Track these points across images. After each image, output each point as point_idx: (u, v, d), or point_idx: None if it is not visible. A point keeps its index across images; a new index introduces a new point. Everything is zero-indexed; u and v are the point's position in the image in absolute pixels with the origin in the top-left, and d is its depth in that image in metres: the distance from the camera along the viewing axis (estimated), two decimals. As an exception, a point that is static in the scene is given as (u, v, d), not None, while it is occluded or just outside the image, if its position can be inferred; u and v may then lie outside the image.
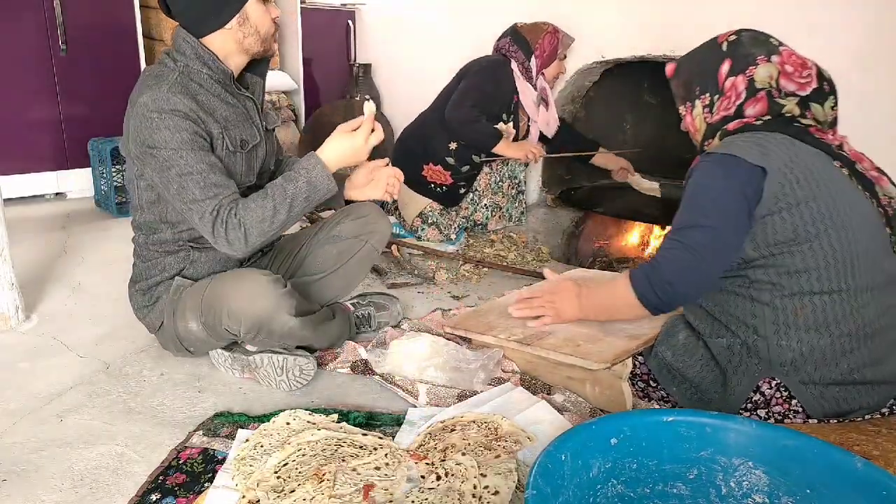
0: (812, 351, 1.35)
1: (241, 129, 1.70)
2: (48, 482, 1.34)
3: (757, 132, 1.39)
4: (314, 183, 1.61)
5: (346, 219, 1.94)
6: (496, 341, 1.77)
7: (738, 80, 1.44)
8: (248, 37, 1.66)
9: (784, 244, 1.34)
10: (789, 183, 1.32)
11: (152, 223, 1.71)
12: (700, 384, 1.48)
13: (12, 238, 2.06)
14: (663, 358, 1.56)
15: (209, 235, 1.57)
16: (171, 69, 1.62)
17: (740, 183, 1.34)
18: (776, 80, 1.41)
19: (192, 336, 1.71)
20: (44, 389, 1.68)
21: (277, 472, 1.27)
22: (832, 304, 1.34)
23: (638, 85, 3.68)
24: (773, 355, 1.38)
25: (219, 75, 1.66)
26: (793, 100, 1.41)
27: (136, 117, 1.56)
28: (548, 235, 3.16)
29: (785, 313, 1.36)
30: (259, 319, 1.61)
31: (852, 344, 1.34)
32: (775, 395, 1.39)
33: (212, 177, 1.56)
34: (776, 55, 1.42)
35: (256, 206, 1.56)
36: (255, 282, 1.62)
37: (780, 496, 1.02)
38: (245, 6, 1.63)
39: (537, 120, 2.99)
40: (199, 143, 1.57)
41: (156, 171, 1.57)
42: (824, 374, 1.35)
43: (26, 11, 3.04)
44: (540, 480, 0.90)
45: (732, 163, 1.35)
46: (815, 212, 1.32)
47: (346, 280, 1.94)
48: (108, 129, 3.29)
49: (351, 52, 4.25)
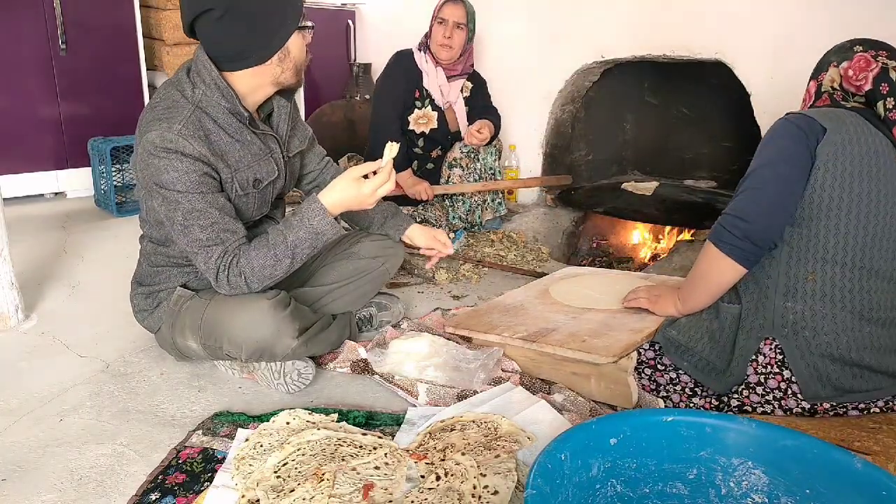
0: (814, 316, 1.41)
1: (257, 169, 1.63)
2: (48, 481, 1.34)
3: (838, 108, 1.48)
4: (317, 230, 1.57)
5: (366, 239, 1.93)
6: (501, 340, 1.77)
7: (812, 85, 1.56)
8: (285, 72, 1.59)
9: (816, 206, 1.40)
10: (844, 148, 1.39)
11: (160, 238, 1.69)
12: (709, 355, 1.53)
13: (12, 237, 2.06)
14: (669, 336, 1.61)
15: (212, 280, 1.55)
16: (187, 102, 1.52)
17: (804, 131, 1.41)
18: (839, 84, 1.50)
19: (192, 352, 1.71)
20: (43, 389, 1.68)
21: (277, 471, 1.27)
22: (842, 276, 1.40)
23: (638, 85, 3.68)
24: (776, 315, 1.44)
25: (237, 115, 1.58)
26: (859, 99, 1.48)
27: (143, 153, 1.50)
28: (548, 235, 3.16)
29: (796, 278, 1.43)
30: (260, 346, 1.59)
31: (854, 322, 1.39)
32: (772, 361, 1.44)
33: (219, 221, 1.52)
34: (847, 61, 1.48)
35: (258, 255, 1.54)
36: (257, 309, 1.57)
37: (779, 496, 1.02)
38: (288, 41, 1.56)
39: (451, 100, 2.93)
40: (207, 185, 1.51)
41: (162, 207, 1.53)
42: (822, 343, 1.40)
43: (26, 11, 3.03)
44: (539, 480, 0.90)
45: (801, 118, 1.44)
46: (857, 184, 1.38)
47: (355, 296, 1.91)
48: (108, 129, 3.29)
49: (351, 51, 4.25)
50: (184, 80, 1.56)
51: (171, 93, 1.55)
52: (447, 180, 2.95)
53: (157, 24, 3.57)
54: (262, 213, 1.71)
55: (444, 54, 2.82)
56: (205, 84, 1.54)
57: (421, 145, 2.92)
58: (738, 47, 2.71)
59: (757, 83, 2.70)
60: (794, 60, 2.51)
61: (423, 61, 2.86)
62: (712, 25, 2.78)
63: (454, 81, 2.92)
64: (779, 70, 2.61)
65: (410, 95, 2.86)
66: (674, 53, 2.90)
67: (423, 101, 2.87)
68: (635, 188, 3.37)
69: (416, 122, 2.88)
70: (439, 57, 2.84)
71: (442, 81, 2.88)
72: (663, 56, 2.96)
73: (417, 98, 2.87)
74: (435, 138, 2.92)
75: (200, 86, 1.54)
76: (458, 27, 2.79)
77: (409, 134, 2.89)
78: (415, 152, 2.92)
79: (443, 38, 2.79)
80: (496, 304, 2.03)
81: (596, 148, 3.68)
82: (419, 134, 2.89)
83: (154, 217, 1.64)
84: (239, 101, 1.57)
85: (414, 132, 2.89)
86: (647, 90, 3.70)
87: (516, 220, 3.21)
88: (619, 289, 1.97)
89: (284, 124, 1.73)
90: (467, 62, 2.94)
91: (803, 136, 1.41)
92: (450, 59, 2.85)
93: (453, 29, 2.79)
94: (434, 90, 2.88)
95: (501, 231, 3.05)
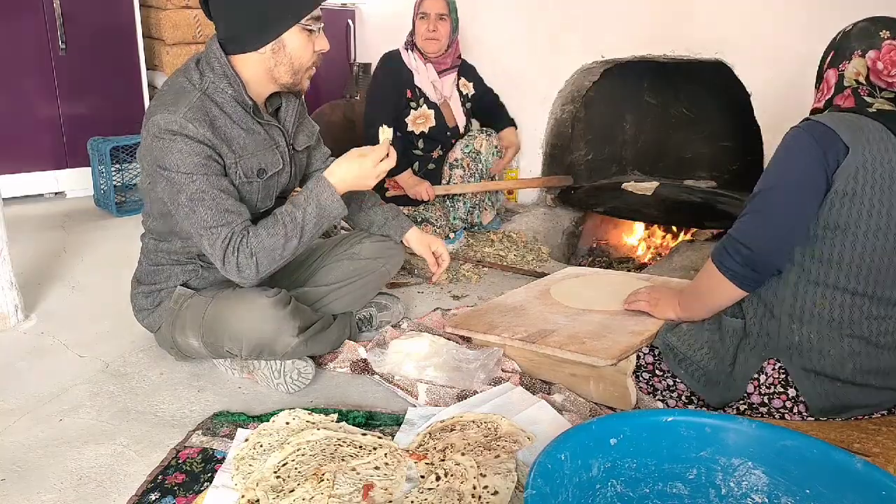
0: (821, 340, 1.36)
1: (261, 157, 1.63)
2: (47, 481, 1.34)
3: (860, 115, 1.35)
4: (324, 207, 1.57)
5: (367, 239, 1.93)
6: (500, 340, 1.77)
7: (831, 74, 1.42)
8: (279, 65, 1.58)
9: (831, 229, 1.33)
10: (865, 171, 1.30)
11: (163, 233, 1.69)
12: (707, 366, 1.50)
13: (12, 237, 2.06)
14: (669, 343, 1.58)
15: (219, 263, 1.54)
16: (193, 88, 1.54)
17: (823, 148, 1.31)
18: (865, 78, 1.37)
19: (192, 350, 1.71)
20: (43, 389, 1.68)
21: (277, 471, 1.27)
22: (853, 304, 1.34)
23: (638, 85, 3.68)
24: (781, 337, 1.39)
25: (242, 103, 1.59)
26: (887, 95, 1.36)
27: (148, 135, 1.52)
28: (548, 235, 3.16)
29: (804, 300, 1.37)
30: (261, 343, 1.59)
31: (861, 348, 1.34)
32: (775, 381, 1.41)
33: (224, 203, 1.52)
34: (874, 49, 1.35)
35: (267, 235, 1.53)
36: (257, 306, 1.58)
37: (779, 496, 1.02)
38: (284, 34, 1.56)
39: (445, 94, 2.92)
40: (212, 168, 1.52)
41: (166, 191, 1.54)
42: (827, 366, 1.36)
43: (26, 11, 3.03)
44: (539, 480, 0.90)
45: (820, 130, 1.33)
46: (876, 210, 1.30)
47: (355, 296, 1.91)
48: (108, 129, 3.29)
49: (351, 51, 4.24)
50: (192, 69, 1.58)
51: (179, 80, 1.58)
52: (448, 181, 2.95)
53: (157, 24, 3.57)
54: (266, 207, 1.70)
55: (431, 47, 2.81)
56: (213, 72, 1.56)
57: (421, 147, 2.91)
58: (738, 47, 2.71)
59: (757, 83, 2.69)
60: (795, 60, 2.51)
61: (412, 60, 2.85)
62: (712, 25, 2.78)
63: (446, 76, 2.90)
64: (779, 70, 2.61)
65: (402, 96, 2.84)
66: (674, 53, 2.90)
67: (416, 100, 2.85)
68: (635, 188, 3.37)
69: (414, 122, 2.87)
70: (427, 51, 2.82)
71: (434, 77, 2.87)
72: (663, 56, 2.96)
73: (411, 98, 2.85)
74: (434, 137, 2.91)
75: (209, 74, 1.56)
76: (441, 18, 2.79)
77: (409, 135, 2.88)
78: (415, 154, 2.91)
79: (427, 31, 2.78)
80: (496, 304, 2.03)
81: (596, 148, 3.68)
82: (419, 134, 2.89)
83: (158, 209, 1.64)
84: (245, 91, 1.58)
85: (413, 133, 2.88)
86: (647, 90, 3.70)
87: (516, 220, 3.21)
88: (619, 290, 1.96)
89: (291, 118, 1.74)
90: (455, 54, 2.92)
91: (821, 154, 1.31)
92: (438, 52, 2.84)
93: (436, 21, 2.78)
94: (426, 87, 2.86)
95: (501, 231, 3.05)
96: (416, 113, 2.85)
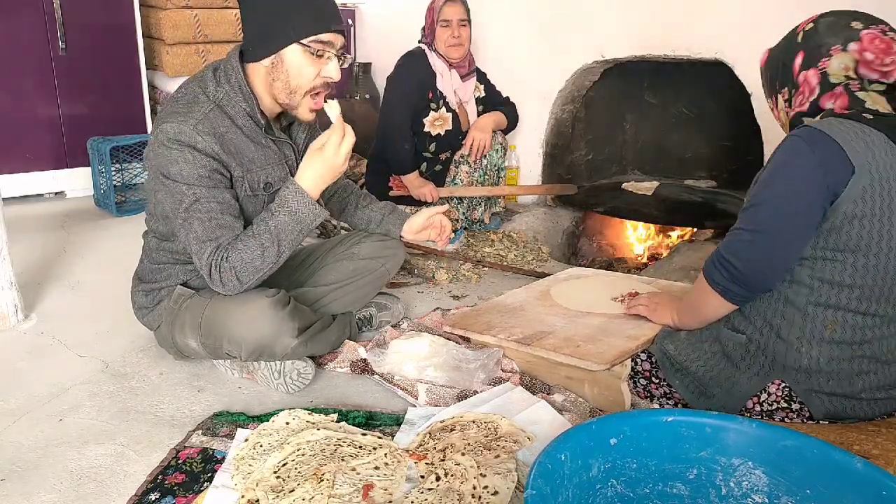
0: (829, 363, 1.33)
1: (269, 172, 1.64)
2: (47, 481, 1.34)
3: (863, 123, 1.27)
4: (295, 212, 1.55)
5: (367, 239, 1.93)
6: (496, 341, 1.77)
7: (811, 75, 1.34)
8: (276, 81, 1.57)
9: (839, 251, 1.29)
10: (872, 190, 1.24)
11: (165, 233, 1.69)
12: (703, 378, 1.48)
13: (11, 237, 2.05)
14: (666, 351, 1.56)
15: (206, 277, 1.55)
16: (207, 99, 1.55)
17: (825, 164, 1.24)
18: (854, 72, 1.30)
19: (191, 351, 1.71)
20: (43, 389, 1.68)
21: (277, 471, 1.27)
22: (864, 325, 1.31)
23: (638, 85, 3.68)
24: (789, 360, 1.36)
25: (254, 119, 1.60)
26: (878, 88, 1.29)
27: (156, 141, 1.53)
28: (548, 235, 3.16)
29: (814, 322, 1.33)
30: (260, 345, 1.59)
31: (870, 367, 1.33)
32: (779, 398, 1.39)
33: (218, 218, 1.52)
34: (854, 42, 1.29)
35: (244, 248, 1.52)
36: (256, 307, 1.58)
37: (779, 496, 1.02)
38: (284, 50, 1.54)
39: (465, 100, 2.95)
40: (215, 181, 1.52)
41: (167, 199, 1.54)
42: (835, 387, 1.34)
43: (26, 11, 3.03)
44: (539, 480, 0.90)
45: (823, 141, 1.25)
46: (886, 230, 1.26)
47: (355, 297, 1.91)
48: (108, 129, 3.29)
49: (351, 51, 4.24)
50: (208, 78, 1.59)
51: (194, 88, 1.58)
52: (454, 177, 2.96)
53: (157, 24, 3.56)
54: None
55: (456, 53, 2.84)
56: (229, 84, 1.58)
57: (432, 149, 2.91)
58: (738, 47, 2.70)
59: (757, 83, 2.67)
60: (795, 60, 2.50)
61: (437, 62, 2.86)
62: (712, 25, 2.78)
63: (467, 81, 2.94)
64: (779, 70, 2.60)
65: (423, 97, 2.85)
66: (674, 53, 2.90)
67: (436, 102, 2.87)
68: (635, 188, 3.37)
69: (431, 124, 2.87)
70: (451, 57, 2.85)
71: (457, 83, 2.89)
72: (663, 56, 2.96)
73: (431, 99, 2.86)
74: (448, 140, 2.91)
75: (224, 85, 1.57)
76: (462, 24, 2.82)
77: (423, 136, 2.89)
78: (424, 155, 2.91)
79: (452, 38, 2.81)
80: (496, 304, 2.03)
81: (596, 148, 3.68)
82: (434, 136, 2.89)
83: (161, 210, 1.65)
84: (258, 107, 1.60)
85: (429, 134, 2.89)
86: (647, 90, 3.70)
87: (516, 220, 3.21)
88: (620, 292, 1.96)
89: (303, 134, 1.76)
90: (471, 57, 2.96)
91: (820, 176, 1.24)
92: (462, 56, 2.87)
93: (459, 27, 2.81)
94: (448, 92, 2.88)
95: (501, 231, 3.05)
96: (435, 115, 2.87)
